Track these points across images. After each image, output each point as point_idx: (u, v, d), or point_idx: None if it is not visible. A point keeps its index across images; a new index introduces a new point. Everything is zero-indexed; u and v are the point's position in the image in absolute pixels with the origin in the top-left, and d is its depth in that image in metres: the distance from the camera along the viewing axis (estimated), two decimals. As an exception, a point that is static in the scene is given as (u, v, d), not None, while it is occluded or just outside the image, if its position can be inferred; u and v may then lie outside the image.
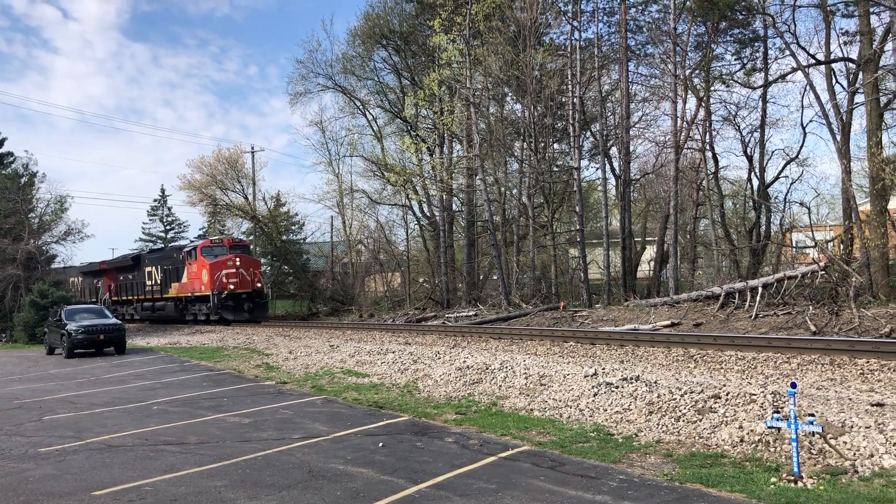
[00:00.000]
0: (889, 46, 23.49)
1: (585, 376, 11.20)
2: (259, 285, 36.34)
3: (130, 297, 44.29)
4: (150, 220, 79.48)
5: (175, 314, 39.21)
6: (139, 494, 7.11)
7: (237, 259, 35.55)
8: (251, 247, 44.65)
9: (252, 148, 53.19)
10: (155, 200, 79.04)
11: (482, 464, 7.69)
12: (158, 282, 40.69)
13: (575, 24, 31.71)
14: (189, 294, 37.53)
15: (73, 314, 26.35)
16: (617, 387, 10.22)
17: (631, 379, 10.46)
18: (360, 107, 45.23)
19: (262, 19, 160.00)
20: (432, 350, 16.68)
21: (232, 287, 34.81)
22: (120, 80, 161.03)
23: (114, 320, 26.48)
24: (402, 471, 7.52)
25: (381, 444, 8.74)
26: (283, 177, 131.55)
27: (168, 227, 79.51)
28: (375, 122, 45.55)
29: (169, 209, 79.58)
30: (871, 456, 6.78)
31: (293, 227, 56.36)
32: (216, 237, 40.08)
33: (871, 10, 23.87)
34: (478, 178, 34.55)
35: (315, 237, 56.84)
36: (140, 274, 42.81)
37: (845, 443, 7.07)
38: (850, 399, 8.93)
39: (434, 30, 33.71)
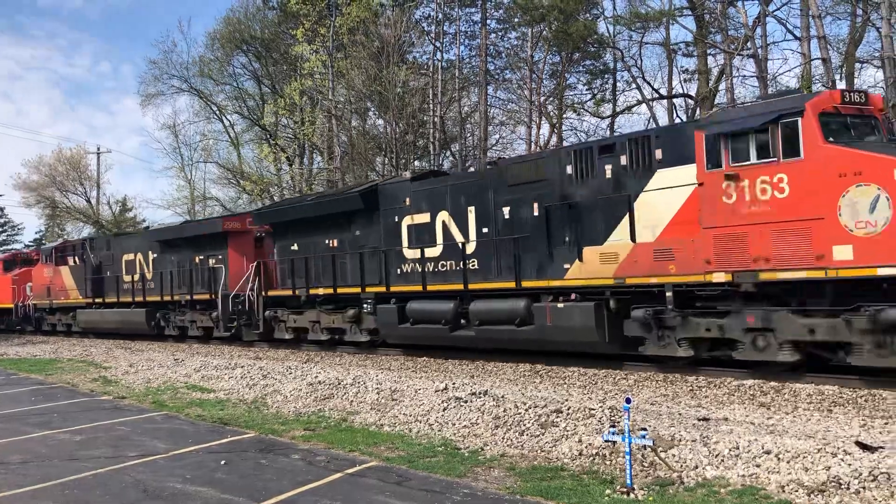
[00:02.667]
0: (723, 86, 25.51)
1: (436, 391, 11.31)
2: None
3: (342, 290, 19.08)
4: (-21, 220, 73.30)
5: (604, 343, 13.69)
6: (-53, 521, 6.50)
7: None
8: None
9: (98, 149, 50.44)
10: (-15, 200, 73.03)
11: (328, 480, 7.58)
12: (471, 246, 16.18)
13: (437, 44, 32.33)
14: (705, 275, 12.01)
15: None
16: (466, 401, 10.39)
17: (479, 393, 10.66)
18: (217, 112, 43.97)
19: (117, 16, 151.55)
20: (284, 365, 16.32)
21: None
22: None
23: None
24: (243, 489, 7.29)
25: (223, 462, 8.44)
26: (133, 181, 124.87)
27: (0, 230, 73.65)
28: (233, 128, 44.40)
29: (1, 210, 73.79)
30: (696, 468, 7.24)
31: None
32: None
33: (709, 51, 25.86)
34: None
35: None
36: (376, 228, 18.24)
37: (674, 455, 7.51)
38: (681, 414, 9.51)
39: (297, 39, 33.32)
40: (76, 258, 31.29)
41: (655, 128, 18.61)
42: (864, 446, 6.94)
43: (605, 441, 7.60)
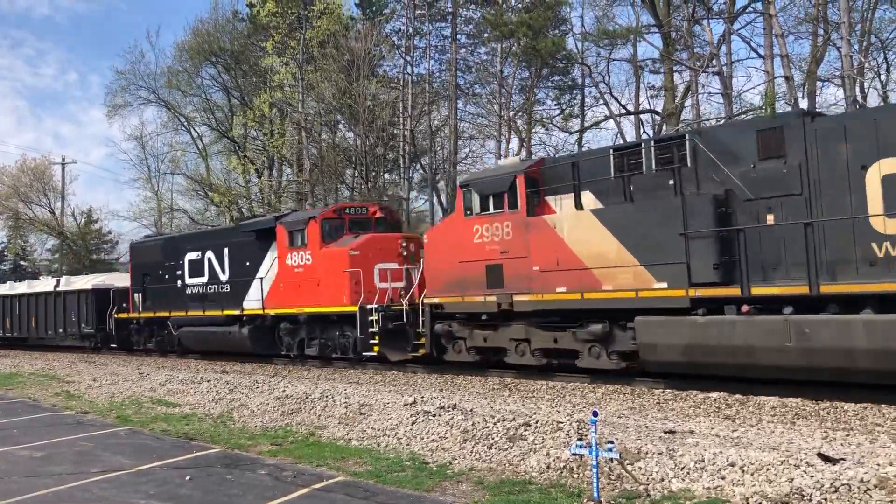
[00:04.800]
0: (689, 102, 25.91)
1: (405, 405, 11.26)
2: None
3: None
4: (-62, 232, 71.62)
5: None
6: None
7: None
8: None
9: (63, 159, 49.80)
10: (-56, 211, 71.37)
11: (294, 496, 7.51)
12: None
13: (408, 58, 32.46)
14: None
15: None
16: (434, 415, 10.37)
17: (448, 407, 10.64)
18: (185, 123, 43.56)
19: (85, 24, 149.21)
20: (251, 379, 16.16)
21: None
22: None
23: None
24: (209, 505, 7.20)
25: (188, 478, 8.32)
26: (99, 192, 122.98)
27: (-41, 242, 72.01)
28: (201, 139, 44.00)
29: (-40, 221, 72.14)
30: (662, 480, 7.29)
31: (105, 246, 53.03)
32: None
33: (675, 68, 26.27)
34: (307, 203, 34.15)
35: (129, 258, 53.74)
36: None
37: (640, 468, 7.56)
38: (647, 427, 9.57)
39: (267, 51, 33.24)
40: (602, 191, 13.78)
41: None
42: (826, 458, 7.04)
43: (573, 454, 7.63)
